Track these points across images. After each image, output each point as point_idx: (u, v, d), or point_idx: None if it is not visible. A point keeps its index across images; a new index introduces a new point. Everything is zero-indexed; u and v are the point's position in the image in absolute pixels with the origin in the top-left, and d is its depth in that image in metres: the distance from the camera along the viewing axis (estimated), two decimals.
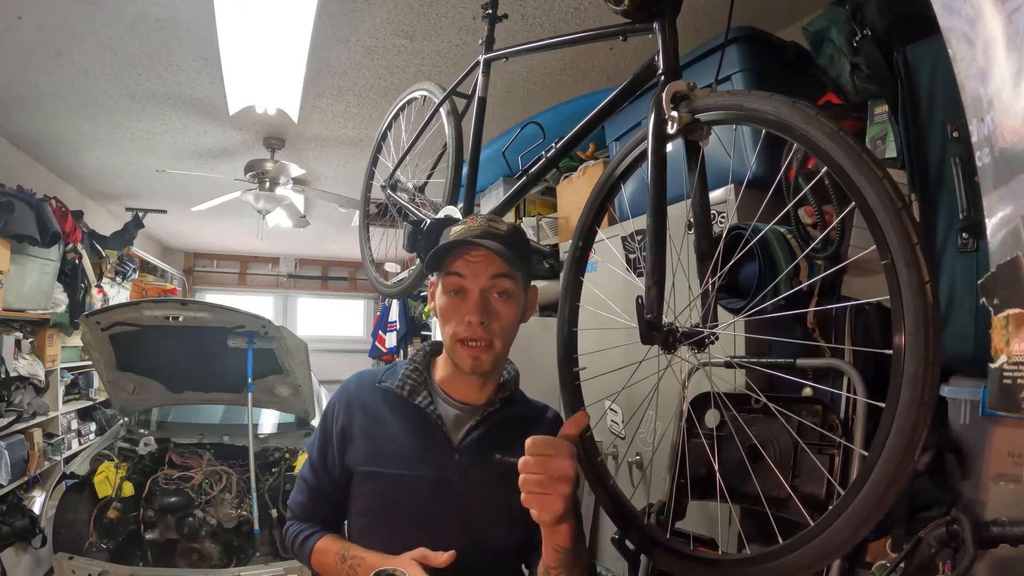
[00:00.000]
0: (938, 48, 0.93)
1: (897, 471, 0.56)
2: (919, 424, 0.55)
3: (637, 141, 0.92)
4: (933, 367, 0.55)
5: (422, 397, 0.98)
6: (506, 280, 0.92)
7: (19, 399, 3.34)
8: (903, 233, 0.56)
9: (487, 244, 0.89)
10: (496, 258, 0.90)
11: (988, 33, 0.77)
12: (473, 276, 0.91)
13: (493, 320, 0.91)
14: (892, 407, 0.56)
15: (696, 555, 0.80)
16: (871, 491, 0.57)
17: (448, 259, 0.92)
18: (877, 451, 0.57)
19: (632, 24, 0.92)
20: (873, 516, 0.58)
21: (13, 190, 3.14)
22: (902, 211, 0.57)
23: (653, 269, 0.80)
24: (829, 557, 0.63)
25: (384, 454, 0.96)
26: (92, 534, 2.58)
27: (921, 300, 0.55)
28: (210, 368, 2.96)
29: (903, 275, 0.56)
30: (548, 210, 2.47)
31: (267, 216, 3.95)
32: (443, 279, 0.94)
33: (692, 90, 0.81)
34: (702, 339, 0.80)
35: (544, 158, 1.14)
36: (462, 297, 0.92)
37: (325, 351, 5.79)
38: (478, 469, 0.94)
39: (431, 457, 0.94)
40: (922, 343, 0.55)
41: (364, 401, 1.00)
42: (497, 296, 0.92)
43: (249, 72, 2.42)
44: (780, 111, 0.68)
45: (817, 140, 0.64)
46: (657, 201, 0.82)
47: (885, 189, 0.58)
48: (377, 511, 0.96)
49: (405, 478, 0.94)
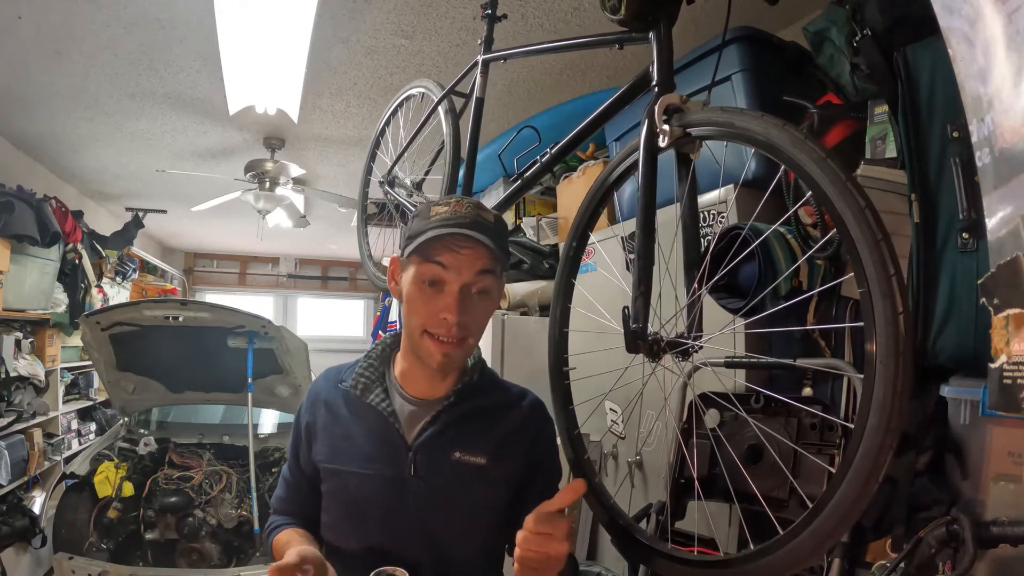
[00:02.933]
0: (938, 48, 0.93)
1: (863, 489, 0.58)
2: (884, 448, 0.57)
3: (631, 150, 0.92)
4: (901, 397, 0.57)
5: (375, 395, 0.94)
6: (489, 276, 0.86)
7: (19, 399, 3.35)
8: (881, 264, 0.58)
9: (478, 238, 0.83)
10: (484, 253, 0.84)
11: (988, 33, 0.77)
12: (457, 270, 0.84)
13: (469, 317, 0.86)
14: (860, 429, 0.59)
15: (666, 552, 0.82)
16: (837, 505, 0.60)
17: (430, 244, 0.84)
18: (845, 468, 0.59)
19: (628, 33, 0.92)
20: (840, 528, 0.61)
21: (13, 190, 3.14)
22: (881, 242, 0.58)
23: (640, 280, 0.80)
24: (801, 562, 0.66)
25: (342, 452, 0.93)
26: (92, 534, 2.58)
27: (893, 330, 0.57)
28: (210, 368, 2.96)
29: (878, 306, 0.58)
30: (548, 210, 2.48)
31: (267, 216, 3.95)
32: (420, 265, 0.85)
33: (685, 103, 0.81)
34: (686, 349, 0.80)
35: (539, 163, 1.14)
36: (438, 289, 0.85)
37: (325, 351, 5.77)
38: (436, 467, 0.90)
39: (386, 456, 0.91)
40: (892, 372, 0.57)
41: (327, 399, 0.98)
42: (476, 293, 0.86)
43: (249, 72, 2.42)
44: (769, 133, 0.68)
45: (803, 164, 0.64)
46: (646, 214, 0.83)
47: (866, 219, 0.59)
48: (338, 508, 0.94)
49: (362, 476, 0.91)
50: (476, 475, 0.90)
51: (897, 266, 0.58)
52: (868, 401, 0.58)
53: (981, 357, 0.83)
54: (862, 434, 0.58)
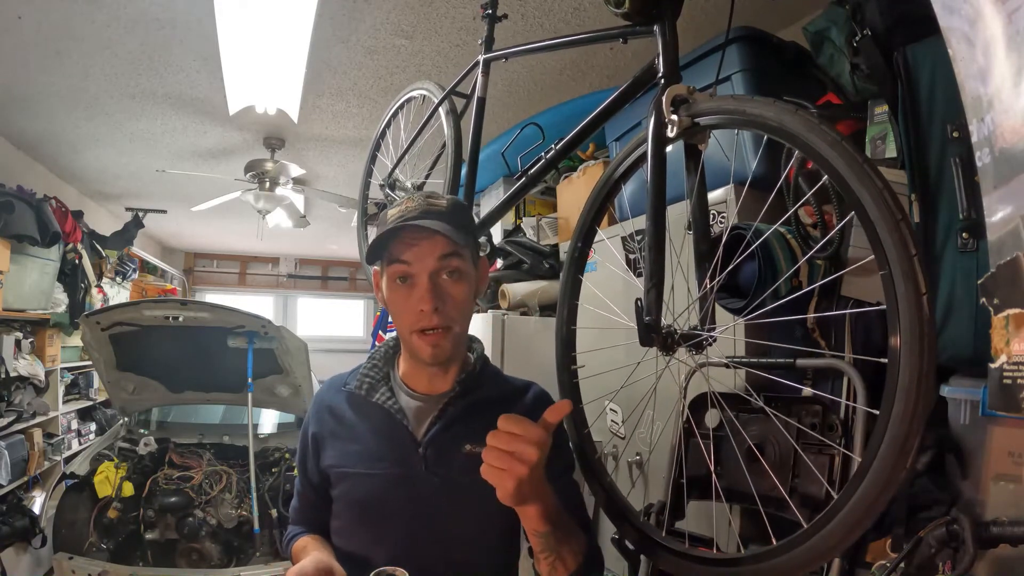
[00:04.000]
0: (938, 48, 0.93)
1: (890, 478, 0.56)
2: (912, 434, 0.55)
3: (637, 143, 0.92)
4: (927, 378, 0.55)
5: (380, 393, 0.94)
6: (454, 259, 0.87)
7: (19, 399, 3.35)
8: (902, 244, 0.57)
9: (428, 224, 0.83)
10: (440, 237, 0.84)
11: (988, 33, 0.77)
12: (419, 260, 0.85)
13: (447, 303, 0.86)
14: (886, 416, 0.57)
15: (691, 553, 0.80)
16: (863, 496, 0.58)
17: (390, 246, 0.87)
18: (870, 458, 0.58)
19: (632, 27, 0.92)
20: (865, 520, 0.59)
21: (13, 190, 3.14)
22: (901, 222, 0.57)
23: (652, 272, 0.80)
24: (824, 557, 0.64)
25: (352, 454, 0.94)
26: (92, 534, 2.58)
27: (917, 311, 0.56)
28: (210, 368, 2.96)
29: (900, 287, 0.57)
30: (548, 210, 2.47)
31: (267, 216, 3.95)
32: (387, 268, 0.88)
33: (692, 94, 0.81)
34: (700, 341, 0.80)
35: (543, 159, 1.14)
36: (410, 284, 0.87)
37: (325, 351, 5.79)
38: (446, 462, 0.90)
39: (396, 454, 0.91)
40: (917, 354, 0.56)
41: (332, 405, 0.99)
42: (447, 277, 0.87)
43: (249, 72, 2.42)
44: (783, 118, 0.68)
45: (819, 148, 0.64)
46: (656, 205, 0.83)
47: (885, 200, 0.58)
48: (349, 510, 0.94)
49: (372, 476, 0.91)
50: None
51: (918, 246, 0.57)
52: (893, 386, 0.57)
53: (981, 357, 0.83)
54: (887, 422, 0.57)
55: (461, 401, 0.93)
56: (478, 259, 0.95)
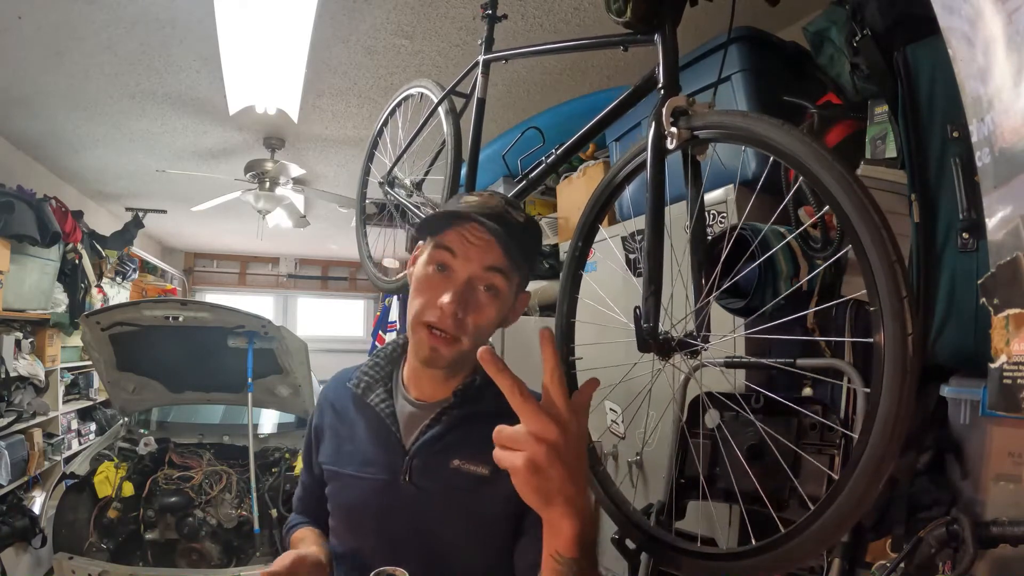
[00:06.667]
0: (938, 48, 0.93)
1: (865, 493, 0.60)
2: (887, 456, 0.59)
3: (638, 151, 0.92)
4: (904, 414, 0.59)
5: (376, 395, 0.90)
6: (499, 276, 0.81)
7: (19, 399, 3.34)
8: (894, 286, 0.59)
9: (494, 228, 0.77)
10: (497, 248, 0.79)
11: (988, 33, 0.77)
12: (465, 258, 0.80)
13: (470, 314, 0.80)
14: (864, 438, 0.61)
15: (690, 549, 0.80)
16: (839, 508, 0.62)
17: (446, 229, 0.81)
18: (849, 474, 0.61)
19: (633, 35, 0.92)
20: (836, 533, 0.63)
21: (13, 190, 3.14)
22: (895, 264, 0.59)
23: (650, 280, 0.80)
24: (794, 563, 0.67)
25: (344, 454, 0.91)
26: (92, 534, 2.59)
27: (901, 350, 0.59)
28: (210, 368, 2.97)
29: (888, 326, 0.59)
30: (548, 210, 2.47)
31: (267, 216, 3.95)
32: (432, 249, 0.82)
33: (692, 105, 0.81)
34: (696, 348, 0.81)
35: (544, 163, 1.14)
36: (445, 276, 0.81)
37: (325, 351, 5.79)
38: (431, 474, 0.84)
39: (383, 459, 0.87)
40: (897, 391, 0.59)
41: (334, 399, 0.97)
42: (484, 289, 0.81)
43: (249, 72, 2.42)
44: (794, 146, 0.67)
45: (825, 181, 0.64)
46: (655, 215, 0.83)
47: (883, 241, 0.60)
48: (338, 511, 0.92)
49: (361, 480, 0.88)
50: (476, 486, 0.82)
51: (909, 288, 0.60)
52: (873, 413, 0.60)
53: (981, 357, 0.83)
54: (866, 442, 0.60)
55: (457, 412, 0.87)
56: (521, 291, 0.89)
